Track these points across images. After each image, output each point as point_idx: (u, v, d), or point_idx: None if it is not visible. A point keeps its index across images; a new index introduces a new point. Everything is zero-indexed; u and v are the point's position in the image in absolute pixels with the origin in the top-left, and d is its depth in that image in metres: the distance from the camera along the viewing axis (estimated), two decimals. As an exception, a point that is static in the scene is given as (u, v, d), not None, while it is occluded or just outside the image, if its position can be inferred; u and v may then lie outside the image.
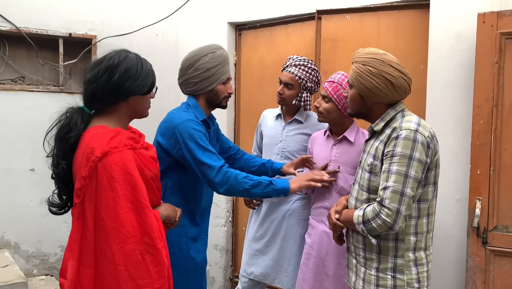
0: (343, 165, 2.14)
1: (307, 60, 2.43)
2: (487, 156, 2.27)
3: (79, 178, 1.35)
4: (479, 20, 2.26)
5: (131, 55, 1.52)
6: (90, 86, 1.47)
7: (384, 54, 1.69)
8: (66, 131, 1.43)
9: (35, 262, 3.41)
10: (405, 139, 1.56)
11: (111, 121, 1.49)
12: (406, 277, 1.64)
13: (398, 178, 1.55)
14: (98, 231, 1.33)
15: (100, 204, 1.33)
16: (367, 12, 2.95)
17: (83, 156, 1.37)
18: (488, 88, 2.26)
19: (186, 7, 3.62)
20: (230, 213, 3.82)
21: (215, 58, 2.03)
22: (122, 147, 1.39)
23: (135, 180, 1.37)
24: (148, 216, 1.37)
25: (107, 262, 1.32)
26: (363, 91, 1.69)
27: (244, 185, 1.92)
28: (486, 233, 2.28)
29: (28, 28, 3.31)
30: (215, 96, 2.08)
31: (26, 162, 3.35)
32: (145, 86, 1.52)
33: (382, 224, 1.57)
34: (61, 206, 1.47)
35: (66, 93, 3.48)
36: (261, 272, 2.52)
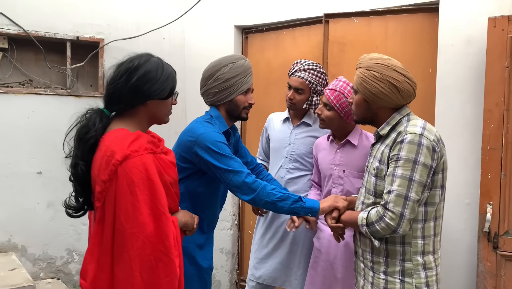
0: (348, 169, 2.15)
1: (315, 63, 2.43)
2: (498, 160, 2.26)
3: (100, 182, 1.34)
4: (489, 24, 2.26)
5: (153, 58, 1.51)
6: (109, 87, 1.47)
7: (388, 59, 1.70)
8: (85, 132, 1.41)
9: (41, 265, 3.41)
10: (410, 143, 1.57)
11: (130, 124, 1.47)
12: (415, 281, 1.63)
13: (403, 181, 1.56)
14: (117, 236, 1.32)
15: (119, 209, 1.32)
16: (375, 15, 2.95)
17: (103, 159, 1.35)
18: (499, 93, 2.25)
19: (193, 11, 3.63)
20: (236, 216, 3.82)
21: (235, 69, 2.00)
22: (143, 151, 1.37)
23: (155, 185, 1.35)
24: (165, 223, 1.35)
25: (124, 267, 1.31)
26: (368, 96, 1.70)
27: (272, 197, 1.85)
28: (497, 238, 2.26)
29: (36, 32, 3.32)
30: (234, 107, 2.04)
31: (34, 165, 3.36)
32: (164, 91, 1.49)
33: (385, 227, 1.58)
34: (78, 208, 1.45)
35: (74, 96, 3.49)
36: (270, 275, 2.52)
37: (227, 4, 3.68)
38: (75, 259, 3.54)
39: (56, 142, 3.41)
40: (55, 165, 3.42)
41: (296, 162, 2.47)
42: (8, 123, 3.26)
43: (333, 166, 2.19)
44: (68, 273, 3.52)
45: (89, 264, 1.33)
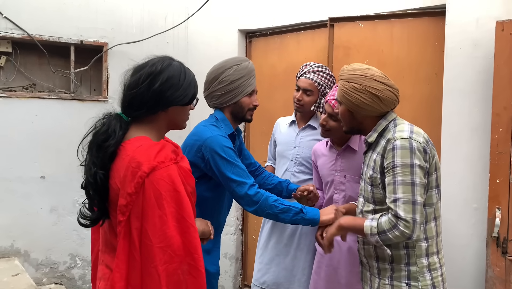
0: (349, 174, 2.13)
1: (324, 66, 2.44)
2: (506, 165, 2.24)
3: (124, 194, 1.27)
4: (497, 28, 2.25)
5: (175, 63, 1.45)
6: (130, 92, 1.39)
7: (368, 69, 1.72)
8: (104, 139, 1.33)
9: (44, 271, 3.38)
10: (401, 148, 1.59)
11: (149, 131, 1.41)
12: (421, 283, 1.64)
13: (406, 188, 1.57)
14: (144, 251, 1.26)
15: (147, 223, 1.26)
16: (380, 19, 2.95)
17: (127, 170, 1.28)
18: (507, 96, 2.24)
19: (196, 15, 3.63)
20: (240, 221, 3.80)
21: (240, 71, 2.00)
22: (169, 162, 1.32)
23: (181, 197, 1.30)
24: (193, 235, 1.30)
25: (153, 284, 1.25)
26: (351, 107, 1.73)
27: (274, 209, 1.88)
28: (506, 243, 2.24)
29: (40, 35, 3.32)
30: (239, 109, 2.04)
31: (37, 169, 3.35)
32: (187, 97, 1.44)
33: (399, 235, 1.58)
34: (93, 219, 1.36)
35: (77, 100, 3.48)
36: (274, 281, 2.49)
37: (231, 8, 3.68)
38: (78, 264, 3.52)
39: (59, 147, 3.41)
40: (59, 169, 3.41)
41: (301, 165, 2.46)
42: (11, 128, 3.25)
43: (334, 171, 2.18)
44: (71, 278, 3.49)
45: (118, 283, 1.26)
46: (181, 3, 3.82)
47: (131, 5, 3.65)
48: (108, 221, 1.39)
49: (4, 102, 3.22)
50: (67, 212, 3.46)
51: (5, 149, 3.23)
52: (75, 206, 3.49)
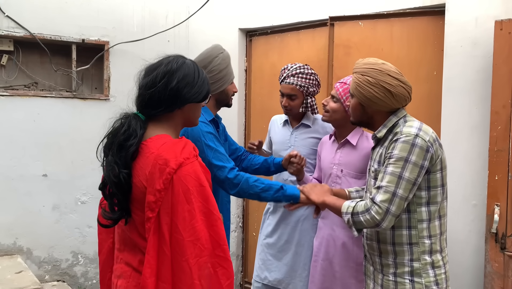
0: (346, 168, 2.16)
1: (303, 66, 2.42)
2: (505, 162, 2.28)
3: (153, 191, 1.29)
4: (496, 28, 2.28)
5: (188, 61, 1.48)
6: (147, 91, 1.41)
7: (383, 64, 1.72)
8: (125, 138, 1.35)
9: (47, 268, 3.40)
10: (403, 142, 1.60)
11: (167, 129, 1.44)
12: (424, 280, 1.65)
13: (392, 178, 1.59)
14: (175, 245, 1.29)
15: (176, 217, 1.28)
16: (380, 18, 2.98)
17: (154, 167, 1.30)
18: (505, 95, 2.27)
19: (197, 14, 3.64)
20: (240, 218, 3.82)
21: (225, 59, 2.05)
22: (193, 158, 1.35)
23: (207, 191, 1.33)
24: (220, 227, 1.33)
25: (185, 277, 1.28)
26: (363, 100, 1.73)
27: (255, 189, 1.93)
28: (504, 239, 2.28)
29: (42, 34, 3.33)
30: (225, 96, 2.11)
31: (39, 168, 3.36)
32: (201, 94, 1.48)
33: (370, 220, 1.61)
34: (116, 218, 1.38)
35: (79, 98, 3.49)
36: (275, 277, 2.52)
37: (231, 7, 3.70)
38: (80, 262, 3.54)
39: (61, 145, 3.43)
40: (61, 167, 3.43)
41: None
42: (13, 126, 3.26)
43: (332, 164, 2.21)
44: (74, 276, 3.51)
45: (149, 278, 1.28)
46: (182, 2, 3.83)
47: (132, 4, 3.66)
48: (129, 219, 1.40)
49: (6, 101, 3.23)
50: (69, 210, 3.48)
51: (7, 147, 3.24)
52: (77, 204, 3.51)
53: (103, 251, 1.59)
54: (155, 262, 1.29)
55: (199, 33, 3.85)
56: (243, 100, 3.79)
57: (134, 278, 1.38)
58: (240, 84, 3.71)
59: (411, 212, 1.66)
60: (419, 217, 1.65)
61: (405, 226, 1.67)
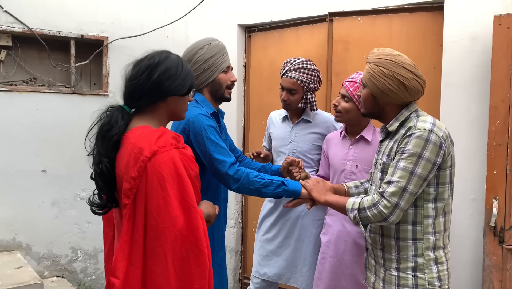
0: (361, 164, 2.17)
1: (306, 61, 2.40)
2: (503, 156, 2.30)
3: (128, 178, 1.34)
4: (495, 22, 2.30)
5: (172, 55, 1.53)
6: (130, 83, 1.47)
7: (398, 56, 1.69)
8: (107, 129, 1.41)
9: (46, 264, 3.40)
10: (418, 138, 1.58)
11: (151, 121, 1.48)
12: (427, 276, 1.65)
13: (404, 174, 1.58)
14: (150, 231, 1.33)
15: (151, 204, 1.33)
16: (379, 14, 2.98)
17: (130, 156, 1.36)
18: (504, 89, 2.29)
19: (196, 10, 3.64)
20: (240, 214, 3.83)
21: (212, 49, 2.01)
22: (169, 146, 1.38)
23: (183, 179, 1.37)
24: (194, 216, 1.37)
25: (159, 261, 1.32)
26: (375, 91, 1.70)
27: (256, 184, 1.91)
28: (503, 232, 2.30)
29: (41, 30, 3.32)
30: (218, 86, 2.05)
31: (38, 163, 3.35)
32: (184, 87, 1.52)
33: (377, 214, 1.60)
34: (102, 205, 1.46)
35: (78, 94, 3.49)
36: (275, 272, 2.53)
37: (230, 3, 3.70)
38: (80, 258, 3.54)
39: (60, 141, 3.42)
40: (60, 163, 3.42)
41: None
42: (12, 122, 3.25)
43: (346, 161, 2.21)
44: (73, 272, 3.51)
45: (120, 262, 1.33)
46: (181, -2, 3.83)
47: (131, 0, 3.66)
48: (118, 209, 1.46)
49: (4, 97, 3.22)
50: (68, 205, 3.47)
51: (6, 143, 3.23)
52: (76, 199, 3.51)
53: (106, 242, 1.64)
54: (128, 246, 1.34)
55: (198, 29, 3.85)
56: (242, 96, 3.79)
57: None
58: (239, 80, 3.71)
59: (418, 208, 1.65)
60: (426, 213, 1.65)
61: (410, 221, 1.66)
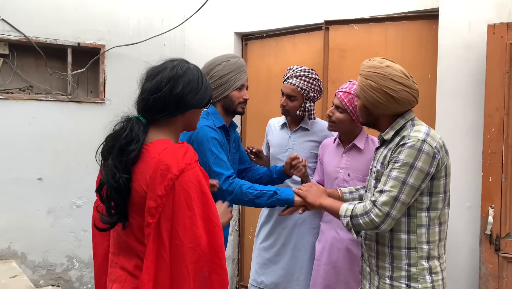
0: (354, 172, 2.17)
1: (308, 69, 2.42)
2: (498, 164, 2.30)
3: (154, 197, 1.28)
4: (489, 31, 2.31)
5: (192, 66, 1.48)
6: (152, 96, 1.39)
7: (387, 67, 1.69)
8: (127, 143, 1.33)
9: (41, 273, 3.38)
10: (411, 148, 1.59)
11: (168, 134, 1.43)
12: (421, 285, 1.64)
13: (396, 183, 1.59)
14: (175, 251, 1.28)
15: (177, 224, 1.28)
16: (374, 22, 3.00)
17: (156, 173, 1.29)
18: (498, 98, 2.30)
19: (193, 17, 3.65)
20: (237, 222, 3.82)
21: (229, 66, 2.10)
22: (194, 163, 1.34)
23: (207, 198, 1.33)
24: (218, 235, 1.33)
25: (184, 283, 1.28)
26: (367, 104, 1.73)
27: (249, 196, 1.96)
28: (499, 240, 2.30)
29: (37, 38, 3.33)
30: (230, 102, 2.14)
31: (34, 171, 3.34)
32: (205, 100, 1.48)
33: (369, 222, 1.62)
34: (113, 222, 1.36)
35: (74, 102, 3.49)
36: (271, 281, 2.52)
37: (227, 11, 3.72)
38: (75, 266, 3.52)
39: (57, 149, 3.42)
40: (56, 171, 3.42)
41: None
42: (8, 130, 3.25)
43: (338, 168, 2.21)
44: (68, 280, 3.49)
45: (147, 284, 1.28)
46: (178, 6, 3.85)
47: (128, 8, 3.67)
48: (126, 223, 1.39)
49: (1, 104, 3.22)
50: (64, 213, 3.46)
51: (2, 151, 3.23)
52: (72, 207, 3.49)
53: (97, 254, 1.58)
54: (153, 267, 1.28)
55: (195, 37, 3.87)
56: (238, 104, 3.80)
57: (129, 282, 1.37)
58: (236, 88, 3.72)
59: (411, 216, 1.65)
60: (419, 222, 1.65)
61: (404, 230, 1.66)
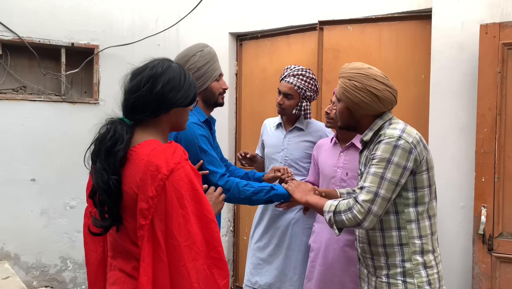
0: (351, 172, 2.17)
1: (305, 69, 2.44)
2: (491, 164, 2.30)
3: (145, 198, 1.28)
4: (481, 31, 2.32)
5: (174, 65, 1.46)
6: (132, 96, 1.39)
7: (369, 69, 1.75)
8: (112, 145, 1.32)
9: (35, 274, 3.36)
10: (386, 144, 1.63)
11: (155, 134, 1.42)
12: (417, 280, 1.65)
13: (374, 179, 1.61)
14: (171, 251, 1.28)
15: (171, 223, 1.28)
16: (368, 23, 3.00)
17: (145, 174, 1.29)
18: (491, 98, 2.30)
19: (187, 18, 3.65)
20: (231, 222, 3.82)
21: (204, 56, 1.98)
22: (184, 162, 1.33)
23: (200, 195, 1.33)
24: (214, 230, 1.33)
25: (184, 282, 1.28)
26: (350, 105, 1.75)
27: (246, 193, 1.93)
28: (491, 240, 2.30)
29: (31, 38, 3.31)
30: (210, 94, 2.04)
31: (27, 172, 3.33)
32: (188, 98, 1.46)
33: (351, 218, 1.63)
34: (107, 226, 1.35)
35: (68, 102, 3.47)
36: (265, 281, 2.52)
37: (222, 11, 3.71)
38: (69, 267, 3.50)
39: (50, 149, 3.40)
40: (49, 171, 3.40)
41: (291, 167, 2.47)
42: (1, 130, 3.23)
43: (336, 168, 2.21)
44: (62, 282, 3.47)
45: (147, 286, 1.27)
46: (172, 6, 3.84)
47: (122, 8, 3.66)
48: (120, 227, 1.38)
49: (-6, 105, 3.21)
50: (57, 214, 3.45)
51: (-5, 152, 3.22)
52: (66, 208, 3.48)
53: (91, 262, 1.56)
54: (151, 269, 1.28)
55: (190, 37, 3.85)
56: (233, 104, 3.80)
57: (128, 283, 1.36)
58: (231, 88, 3.72)
59: (399, 213, 1.67)
60: (407, 218, 1.67)
61: (394, 227, 1.68)
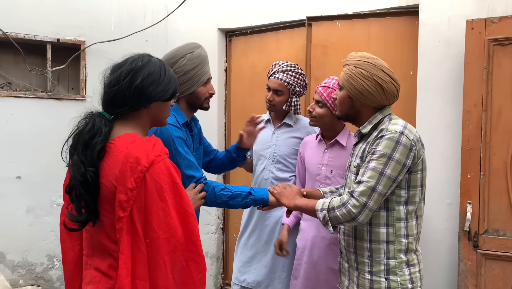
0: (336, 169, 2.15)
1: (294, 65, 2.43)
2: (477, 160, 2.30)
3: (124, 190, 1.27)
4: (467, 27, 2.30)
5: (154, 59, 1.46)
6: (111, 89, 1.38)
7: (376, 59, 1.73)
8: (90, 137, 1.32)
9: (21, 272, 3.33)
10: (388, 139, 1.61)
11: (135, 128, 1.42)
12: (400, 278, 1.66)
13: (373, 174, 1.60)
14: (150, 243, 1.29)
15: (151, 216, 1.28)
16: (357, 19, 2.99)
17: (125, 166, 1.28)
18: (477, 94, 2.29)
19: (176, 13, 3.61)
20: (221, 220, 3.79)
21: (193, 60, 1.92)
22: (164, 155, 1.34)
23: (179, 188, 1.33)
24: (193, 224, 1.34)
25: (161, 274, 1.29)
26: (353, 93, 1.72)
27: (223, 198, 1.89)
28: (477, 237, 2.30)
29: (16, 33, 3.27)
30: (196, 99, 1.98)
31: (13, 169, 3.29)
32: (168, 92, 1.46)
33: (346, 213, 1.61)
34: (83, 220, 1.33)
35: (54, 99, 3.43)
36: (254, 279, 2.51)
37: (210, 7, 3.68)
38: (56, 265, 3.47)
39: (36, 146, 3.36)
40: (35, 169, 3.36)
41: (279, 163, 2.47)
42: (-14, 127, 3.19)
43: (320, 165, 2.20)
44: (49, 280, 3.44)
45: (126, 279, 1.26)
46: (160, 2, 3.80)
47: (109, 3, 3.61)
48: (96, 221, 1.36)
49: (-22, 101, 3.16)
50: (44, 212, 3.41)
51: (-21, 149, 3.17)
52: (53, 206, 3.44)
53: (67, 260, 1.53)
54: (130, 261, 1.27)
55: (178, 33, 3.82)
56: (223, 101, 3.77)
57: (103, 283, 1.35)
58: (220, 85, 3.69)
59: (389, 210, 1.66)
60: (397, 216, 1.66)
61: (383, 224, 1.67)
